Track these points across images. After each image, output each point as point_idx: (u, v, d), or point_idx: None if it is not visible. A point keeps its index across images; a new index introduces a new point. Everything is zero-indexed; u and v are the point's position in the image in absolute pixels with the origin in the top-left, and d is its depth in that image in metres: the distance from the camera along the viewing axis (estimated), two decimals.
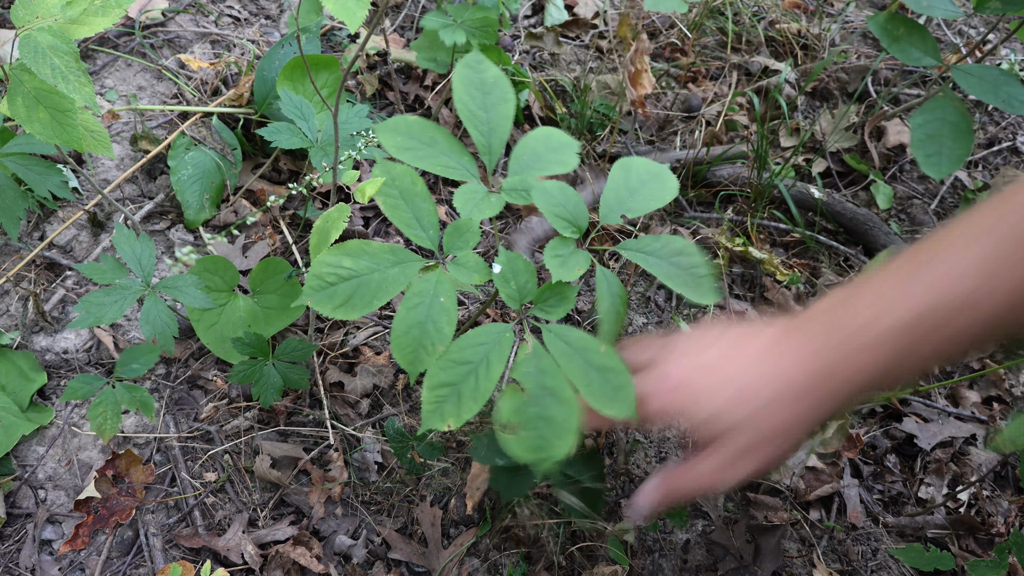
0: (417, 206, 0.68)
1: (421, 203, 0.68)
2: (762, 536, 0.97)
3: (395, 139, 0.69)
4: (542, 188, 0.68)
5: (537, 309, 0.65)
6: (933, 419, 1.12)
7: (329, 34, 1.47)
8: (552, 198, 0.68)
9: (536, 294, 0.66)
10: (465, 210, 0.66)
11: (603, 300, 0.67)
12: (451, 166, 0.69)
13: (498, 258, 0.65)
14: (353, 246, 0.63)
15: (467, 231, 0.65)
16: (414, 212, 0.67)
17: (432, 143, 0.70)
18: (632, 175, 0.72)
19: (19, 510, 0.93)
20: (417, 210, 0.67)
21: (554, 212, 0.67)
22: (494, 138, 0.71)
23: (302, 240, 1.20)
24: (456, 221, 0.67)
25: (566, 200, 0.68)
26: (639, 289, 1.21)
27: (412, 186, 0.68)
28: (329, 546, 0.93)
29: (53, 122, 0.75)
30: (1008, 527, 1.01)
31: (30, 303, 1.05)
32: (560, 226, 0.67)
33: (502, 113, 0.72)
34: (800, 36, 1.61)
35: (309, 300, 0.61)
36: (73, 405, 1.01)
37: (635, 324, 1.18)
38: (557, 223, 0.67)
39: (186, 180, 1.16)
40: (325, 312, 0.61)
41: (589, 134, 1.39)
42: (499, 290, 0.64)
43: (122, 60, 1.36)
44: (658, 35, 1.60)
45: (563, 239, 0.67)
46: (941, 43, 1.71)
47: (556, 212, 0.67)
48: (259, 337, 0.91)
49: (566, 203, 0.68)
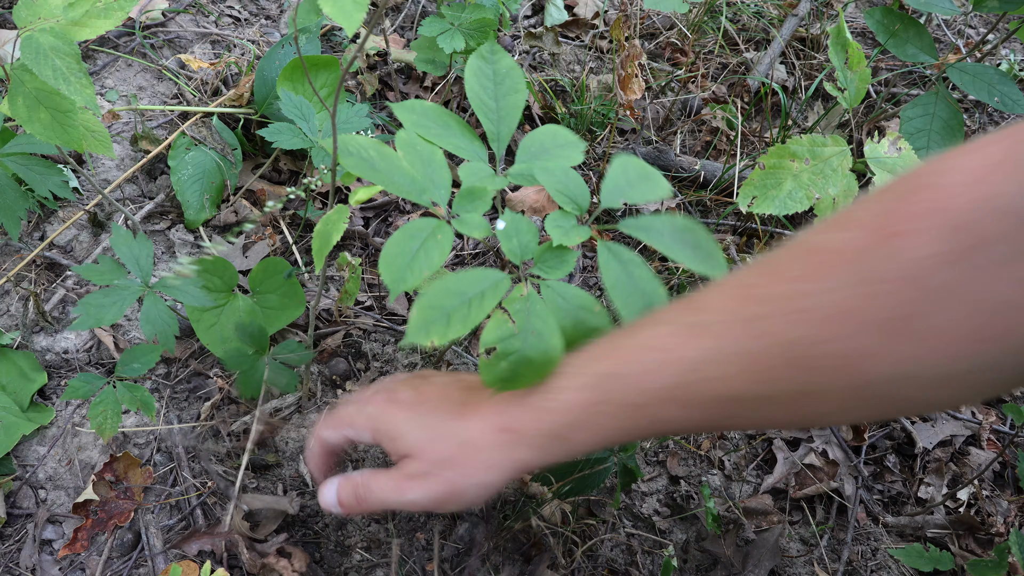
0: (434, 169, 0.69)
1: (439, 168, 0.69)
2: (759, 534, 0.97)
3: (411, 117, 0.71)
4: (546, 169, 0.70)
5: (537, 268, 0.66)
6: (933, 419, 1.12)
7: (329, 34, 1.47)
8: (555, 177, 0.69)
9: (537, 253, 0.66)
10: (470, 183, 0.68)
11: (609, 272, 0.66)
12: (462, 147, 0.71)
13: (502, 216, 0.67)
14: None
15: (479, 197, 0.67)
16: (430, 173, 0.68)
17: (446, 126, 0.72)
18: (630, 171, 0.73)
19: (19, 510, 0.93)
20: (433, 172, 0.68)
21: (557, 189, 0.69)
22: (503, 126, 0.72)
23: (302, 240, 1.20)
24: (469, 186, 0.68)
25: (569, 180, 0.69)
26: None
27: (431, 153, 0.69)
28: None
29: (54, 122, 0.75)
30: (1008, 527, 1.01)
31: (30, 303, 1.05)
32: (563, 202, 0.68)
33: (512, 103, 0.73)
34: (800, 36, 1.61)
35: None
36: (74, 405, 1.01)
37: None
38: (560, 199, 0.68)
39: (186, 180, 1.16)
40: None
41: (589, 134, 1.39)
42: (502, 245, 0.65)
43: (122, 60, 1.36)
44: (658, 35, 1.60)
45: (565, 212, 0.68)
46: (941, 43, 1.71)
47: (559, 190, 0.69)
48: (262, 329, 0.91)
49: (569, 183, 0.69)
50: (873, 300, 0.39)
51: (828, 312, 0.41)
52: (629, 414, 0.53)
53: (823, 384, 0.43)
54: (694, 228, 0.70)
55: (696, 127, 1.46)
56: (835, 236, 0.43)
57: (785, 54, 1.58)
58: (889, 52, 1.45)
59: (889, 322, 0.39)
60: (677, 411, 0.50)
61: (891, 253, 0.39)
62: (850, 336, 0.40)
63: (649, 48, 1.58)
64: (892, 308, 0.39)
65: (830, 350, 0.41)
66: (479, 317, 0.61)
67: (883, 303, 0.39)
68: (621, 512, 0.98)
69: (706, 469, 1.04)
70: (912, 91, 1.55)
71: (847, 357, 0.41)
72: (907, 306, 0.38)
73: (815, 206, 1.09)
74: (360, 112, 0.98)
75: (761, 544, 0.96)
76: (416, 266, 0.61)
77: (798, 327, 0.42)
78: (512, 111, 0.73)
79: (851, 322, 0.40)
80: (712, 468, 1.05)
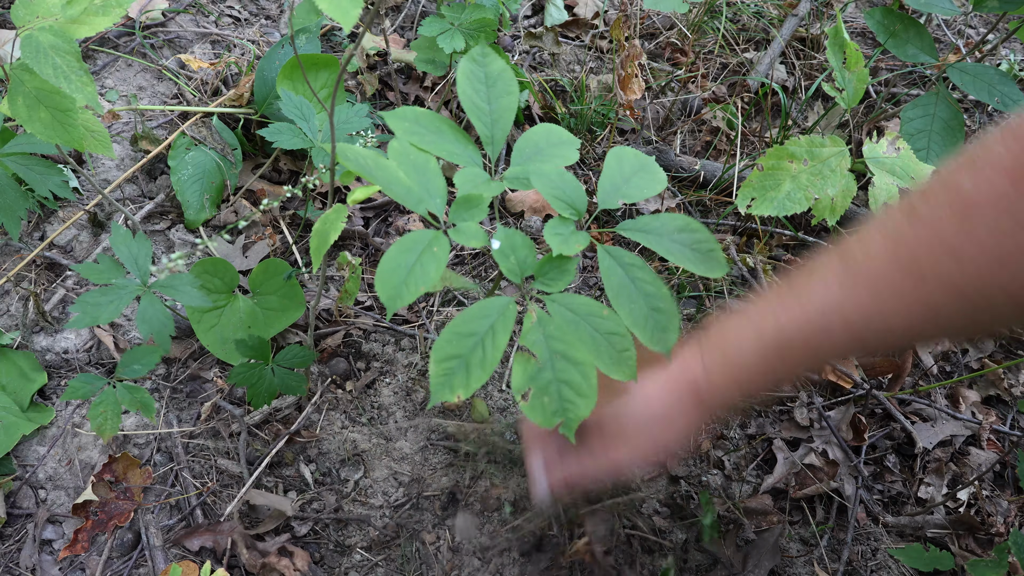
0: (429, 178, 0.68)
1: (433, 177, 0.68)
2: (759, 534, 0.97)
3: (403, 124, 0.71)
4: (541, 173, 0.69)
5: (538, 282, 0.66)
6: (933, 419, 1.12)
7: (329, 34, 1.47)
8: (551, 181, 0.69)
9: (536, 267, 0.66)
10: (466, 190, 0.67)
11: (611, 278, 0.66)
12: (456, 153, 0.70)
13: (497, 234, 0.66)
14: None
15: (475, 205, 0.66)
16: (424, 182, 0.67)
17: (439, 131, 0.71)
18: (624, 164, 0.73)
19: (20, 510, 0.93)
20: (428, 181, 0.68)
21: (553, 195, 0.68)
22: (497, 129, 0.72)
23: (302, 240, 1.20)
24: (465, 194, 0.67)
25: (564, 184, 0.69)
26: None
27: (425, 161, 0.69)
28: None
29: (54, 122, 0.75)
30: (1008, 527, 1.01)
31: (30, 303, 1.05)
32: (559, 207, 0.67)
33: (505, 105, 0.73)
34: (800, 36, 1.61)
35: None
36: (74, 405, 1.01)
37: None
38: (556, 204, 0.67)
39: (186, 180, 1.16)
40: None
41: (589, 134, 1.39)
42: (499, 264, 0.65)
43: (122, 60, 1.36)
44: (658, 35, 1.60)
45: (563, 219, 0.68)
46: (941, 43, 1.71)
47: (555, 195, 0.68)
48: (262, 341, 0.91)
49: (564, 187, 0.69)
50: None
51: (991, 257, 0.47)
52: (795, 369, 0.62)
53: (997, 314, 0.50)
54: (693, 228, 0.70)
55: (696, 127, 1.46)
56: (975, 179, 0.47)
57: (785, 54, 1.58)
58: (889, 52, 1.45)
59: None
60: (845, 354, 0.60)
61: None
62: (1013, 276, 0.46)
63: (649, 48, 1.58)
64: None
65: (1000, 284, 0.47)
66: (496, 358, 0.61)
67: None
68: (621, 512, 0.98)
69: (706, 469, 1.04)
70: (912, 91, 1.54)
71: (1016, 294, 0.47)
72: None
73: (813, 207, 1.09)
74: (360, 112, 0.98)
75: (761, 544, 0.96)
76: (412, 281, 0.60)
77: (962, 273, 0.49)
78: (506, 113, 0.73)
79: (1012, 263, 0.46)
80: (712, 468, 1.04)
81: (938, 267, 0.49)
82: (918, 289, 0.51)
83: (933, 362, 1.18)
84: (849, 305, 0.55)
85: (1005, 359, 1.21)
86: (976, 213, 0.47)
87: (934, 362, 1.18)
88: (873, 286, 0.53)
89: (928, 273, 0.50)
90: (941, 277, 0.50)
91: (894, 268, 0.52)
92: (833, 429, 1.08)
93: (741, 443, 1.08)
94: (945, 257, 0.49)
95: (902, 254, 0.52)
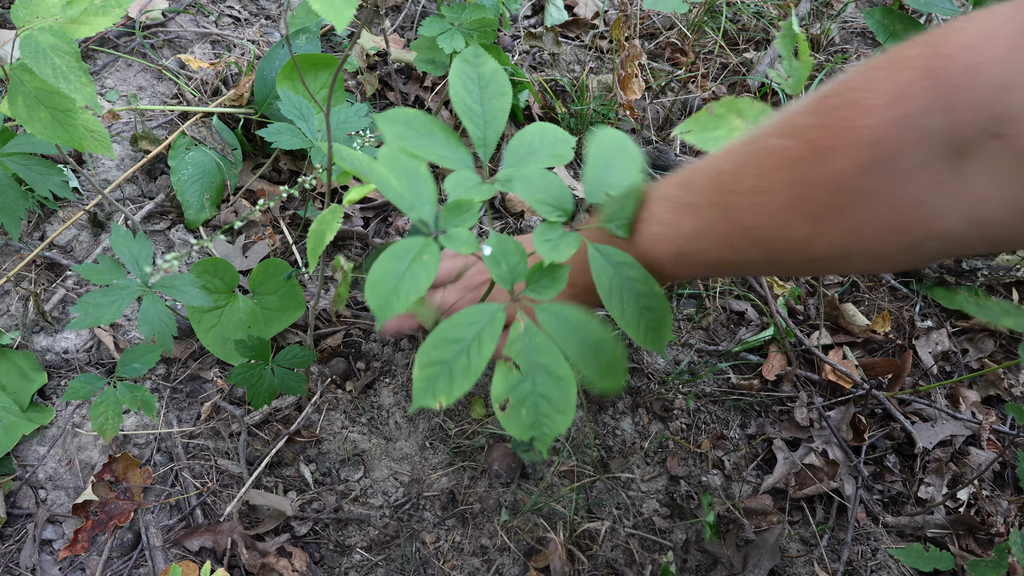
0: (419, 184, 0.67)
1: (423, 183, 0.67)
2: (759, 534, 0.97)
3: (393, 128, 0.69)
4: (523, 177, 0.68)
5: (529, 290, 0.65)
6: (933, 419, 1.12)
7: (329, 34, 1.47)
8: (533, 185, 0.67)
9: (527, 275, 0.65)
10: (456, 195, 0.66)
11: (602, 278, 0.65)
12: (447, 156, 0.69)
13: (488, 240, 0.65)
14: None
15: (465, 211, 0.65)
16: (415, 188, 0.66)
17: (429, 134, 0.70)
18: (606, 148, 0.73)
19: (19, 510, 0.93)
20: (418, 187, 0.67)
21: (537, 199, 0.67)
22: (489, 131, 0.71)
23: (302, 240, 1.20)
24: (455, 199, 0.66)
25: (548, 186, 0.68)
26: None
27: (415, 167, 0.68)
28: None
29: (54, 122, 0.75)
30: (1008, 527, 1.01)
31: (30, 303, 1.05)
32: (545, 212, 0.66)
33: (498, 107, 0.72)
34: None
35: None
36: (74, 405, 1.01)
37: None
38: (542, 209, 0.66)
39: (186, 180, 1.16)
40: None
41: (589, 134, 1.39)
42: (490, 271, 0.64)
43: (122, 60, 1.36)
44: (658, 35, 1.60)
45: (550, 224, 0.67)
46: None
47: (539, 199, 0.67)
48: (262, 341, 0.91)
49: (548, 188, 0.67)
50: (810, 200, 0.50)
51: (777, 207, 0.53)
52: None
53: (782, 257, 0.56)
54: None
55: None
56: (783, 143, 0.53)
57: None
58: None
59: (823, 216, 0.50)
60: (683, 271, 0.66)
61: (823, 162, 0.48)
62: (794, 226, 0.52)
63: (649, 48, 1.58)
64: (823, 206, 0.50)
65: (781, 235, 0.54)
66: (480, 366, 0.60)
67: (817, 202, 0.50)
68: (621, 512, 0.98)
69: (706, 469, 1.04)
70: None
71: (793, 240, 0.53)
72: (834, 205, 0.49)
73: None
74: (359, 112, 0.98)
75: (761, 544, 0.96)
76: (402, 291, 0.59)
77: (755, 217, 0.55)
78: (499, 115, 0.72)
79: (793, 215, 0.52)
80: (712, 468, 1.04)
81: (737, 211, 0.56)
82: (724, 223, 0.58)
83: (933, 362, 1.18)
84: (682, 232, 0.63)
85: (1005, 359, 1.21)
86: (773, 174, 0.53)
87: (934, 362, 1.18)
88: (695, 214, 0.61)
89: (730, 213, 0.57)
90: (735, 221, 0.57)
91: (708, 200, 0.60)
92: (833, 429, 1.08)
93: (741, 443, 1.08)
94: (739, 199, 0.56)
95: (713, 188, 0.59)
